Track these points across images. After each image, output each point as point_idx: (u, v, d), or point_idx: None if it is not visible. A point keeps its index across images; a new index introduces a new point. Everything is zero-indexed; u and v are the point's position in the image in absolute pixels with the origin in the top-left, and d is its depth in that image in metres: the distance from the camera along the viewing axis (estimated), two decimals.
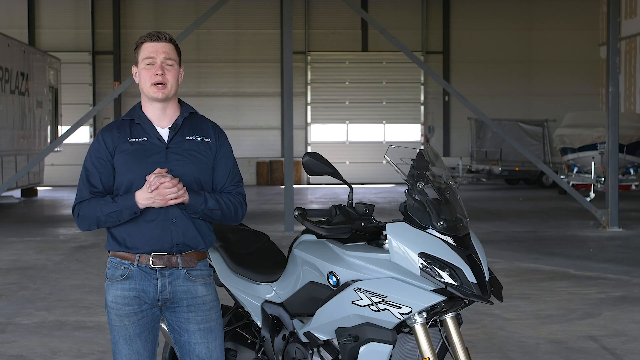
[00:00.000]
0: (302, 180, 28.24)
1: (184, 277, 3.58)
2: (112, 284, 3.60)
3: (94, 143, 3.61)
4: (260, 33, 28.83)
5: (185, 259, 3.58)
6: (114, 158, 3.56)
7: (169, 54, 3.59)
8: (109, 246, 3.63)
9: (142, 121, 3.61)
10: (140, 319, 3.58)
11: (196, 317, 3.61)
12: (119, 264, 3.59)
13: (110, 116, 28.59)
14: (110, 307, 3.60)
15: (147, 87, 3.58)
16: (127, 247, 3.56)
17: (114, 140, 3.57)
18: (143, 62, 3.60)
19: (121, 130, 3.60)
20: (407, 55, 15.61)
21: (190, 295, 3.60)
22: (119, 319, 3.59)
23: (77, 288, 9.16)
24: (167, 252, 3.55)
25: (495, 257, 10.99)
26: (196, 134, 3.64)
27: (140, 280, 3.56)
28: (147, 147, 3.56)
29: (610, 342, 6.73)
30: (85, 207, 3.56)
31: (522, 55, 29.55)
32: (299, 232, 4.49)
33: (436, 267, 3.53)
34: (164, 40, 3.60)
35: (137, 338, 3.58)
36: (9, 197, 21.37)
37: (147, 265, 3.55)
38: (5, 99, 18.94)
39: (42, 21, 28.66)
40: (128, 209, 3.48)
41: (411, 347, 3.78)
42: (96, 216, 3.53)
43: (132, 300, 3.56)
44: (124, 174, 3.55)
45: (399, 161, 3.89)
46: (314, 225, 3.74)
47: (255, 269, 4.35)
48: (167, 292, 3.57)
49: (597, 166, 20.65)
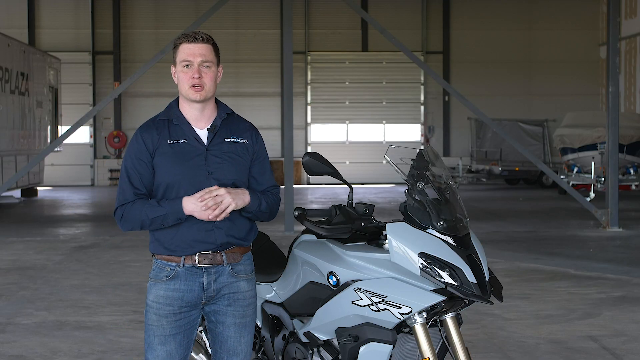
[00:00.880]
0: (302, 180, 28.25)
1: (228, 273, 3.62)
2: (156, 284, 3.60)
3: (133, 143, 3.59)
4: (260, 33, 28.84)
5: (229, 255, 3.61)
6: (154, 159, 3.56)
7: (206, 56, 3.57)
8: (154, 249, 3.63)
9: (180, 122, 3.60)
10: (178, 320, 3.58)
11: (234, 311, 3.64)
12: (165, 266, 3.59)
13: (110, 116, 28.61)
14: (150, 306, 3.60)
15: (185, 89, 3.57)
16: (171, 250, 3.56)
17: (154, 142, 3.56)
18: (180, 64, 3.58)
19: (160, 130, 3.59)
20: (407, 55, 15.61)
21: (233, 290, 3.63)
22: (157, 318, 3.58)
23: (77, 288, 9.17)
24: (212, 251, 3.57)
25: (495, 257, 10.99)
26: (234, 136, 3.64)
27: (186, 280, 3.57)
28: (187, 149, 3.56)
29: (610, 342, 6.73)
30: (130, 209, 3.55)
31: (522, 55, 29.55)
32: (299, 232, 4.49)
33: (436, 267, 3.53)
34: (201, 41, 3.57)
35: (171, 339, 3.58)
36: (9, 197, 21.37)
37: (193, 265, 3.56)
38: (5, 99, 18.94)
39: (42, 21, 28.66)
40: (173, 214, 3.50)
41: (411, 347, 3.78)
42: (141, 219, 3.53)
43: (173, 301, 3.57)
44: (164, 176, 3.55)
45: (399, 161, 3.89)
46: (314, 225, 3.74)
47: (255, 269, 4.35)
48: (212, 289, 3.60)
49: (597, 166, 20.66)
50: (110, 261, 11.11)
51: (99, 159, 28.73)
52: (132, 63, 28.15)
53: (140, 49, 28.11)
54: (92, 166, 28.77)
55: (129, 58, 28.46)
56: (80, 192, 25.18)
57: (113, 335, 6.98)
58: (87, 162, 28.87)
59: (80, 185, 28.27)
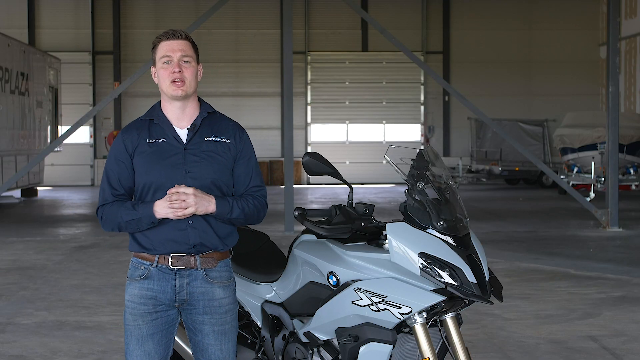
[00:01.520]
0: (302, 180, 28.24)
1: (202, 279, 3.56)
2: (131, 283, 3.59)
3: (115, 144, 3.61)
4: (260, 33, 28.83)
5: (204, 259, 3.56)
6: (133, 159, 3.55)
7: (186, 51, 3.56)
8: (131, 247, 3.63)
9: (161, 121, 3.59)
10: (154, 320, 3.55)
11: (211, 319, 3.59)
12: (139, 264, 3.58)
13: (110, 116, 28.60)
14: (127, 305, 3.59)
15: (166, 86, 3.55)
16: (146, 248, 3.56)
17: (133, 142, 3.56)
18: (160, 61, 3.57)
19: (140, 131, 3.59)
20: (407, 55, 15.61)
21: (207, 297, 3.57)
22: (133, 318, 3.56)
23: (77, 288, 9.17)
24: (185, 253, 3.54)
25: (495, 257, 10.99)
26: (215, 135, 3.61)
27: (159, 281, 3.55)
28: (165, 148, 3.55)
29: (610, 342, 6.73)
30: (108, 211, 3.57)
31: (522, 55, 29.54)
32: (299, 232, 4.49)
33: (436, 267, 3.53)
34: (180, 37, 3.57)
35: (149, 339, 3.55)
36: (9, 197, 21.36)
37: (166, 266, 3.54)
38: (5, 99, 18.94)
39: (42, 21, 28.66)
40: (146, 218, 3.49)
41: (411, 347, 3.79)
42: (117, 222, 3.55)
43: (147, 300, 3.54)
44: (143, 176, 3.54)
45: (399, 161, 3.89)
46: (314, 225, 3.74)
47: (255, 269, 4.35)
48: (185, 293, 3.56)
49: (597, 166, 20.65)
50: (110, 261, 11.11)
51: (99, 159, 28.71)
52: (132, 63, 28.14)
53: (140, 49, 28.09)
54: (92, 166, 28.77)
55: (129, 58, 28.46)
56: (80, 192, 25.18)
57: (113, 335, 6.97)
58: (87, 162, 28.87)
59: (80, 185, 28.27)
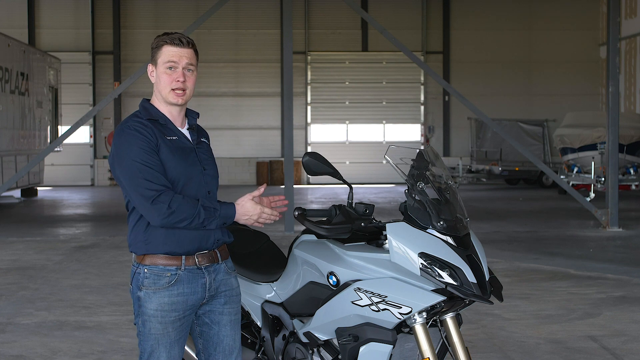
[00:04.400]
0: (302, 180, 28.25)
1: (224, 271, 3.65)
2: (156, 292, 3.49)
3: (136, 136, 3.43)
4: (260, 33, 28.84)
5: (222, 251, 3.65)
6: (159, 153, 3.47)
7: (191, 60, 3.55)
8: (146, 250, 3.50)
9: (167, 121, 3.58)
10: (181, 325, 3.56)
11: (230, 309, 3.66)
12: (163, 272, 3.50)
13: (110, 116, 28.60)
14: (154, 315, 3.50)
15: (166, 92, 3.55)
16: (170, 251, 3.48)
17: (155, 135, 3.48)
18: (164, 65, 3.53)
19: (155, 127, 3.51)
20: (407, 55, 15.61)
21: (228, 287, 3.67)
22: (163, 326, 3.51)
23: (77, 288, 9.17)
24: (208, 249, 3.58)
25: (495, 257, 10.99)
26: (202, 136, 3.71)
27: (189, 283, 3.53)
28: (181, 145, 3.55)
29: (610, 342, 6.73)
30: (179, 199, 3.40)
31: (522, 55, 29.55)
32: (299, 232, 4.49)
33: (436, 267, 3.53)
34: (187, 46, 3.54)
35: (176, 344, 3.56)
36: (9, 197, 21.36)
37: (194, 266, 3.54)
38: (5, 99, 18.94)
39: (42, 21, 28.66)
40: (224, 218, 3.49)
41: (411, 347, 3.79)
42: (197, 210, 3.41)
43: (178, 306, 3.52)
44: (170, 170, 3.47)
45: (399, 161, 3.89)
46: (314, 225, 3.74)
47: (255, 269, 4.35)
48: (213, 288, 3.61)
49: (597, 166, 20.66)
50: (110, 261, 11.11)
51: (99, 159, 28.73)
52: (132, 63, 28.14)
53: (140, 49, 28.10)
54: (92, 166, 28.78)
55: (129, 58, 28.46)
56: (80, 192, 25.18)
57: (113, 335, 6.98)
58: (87, 162, 28.88)
59: (80, 185, 28.28)
